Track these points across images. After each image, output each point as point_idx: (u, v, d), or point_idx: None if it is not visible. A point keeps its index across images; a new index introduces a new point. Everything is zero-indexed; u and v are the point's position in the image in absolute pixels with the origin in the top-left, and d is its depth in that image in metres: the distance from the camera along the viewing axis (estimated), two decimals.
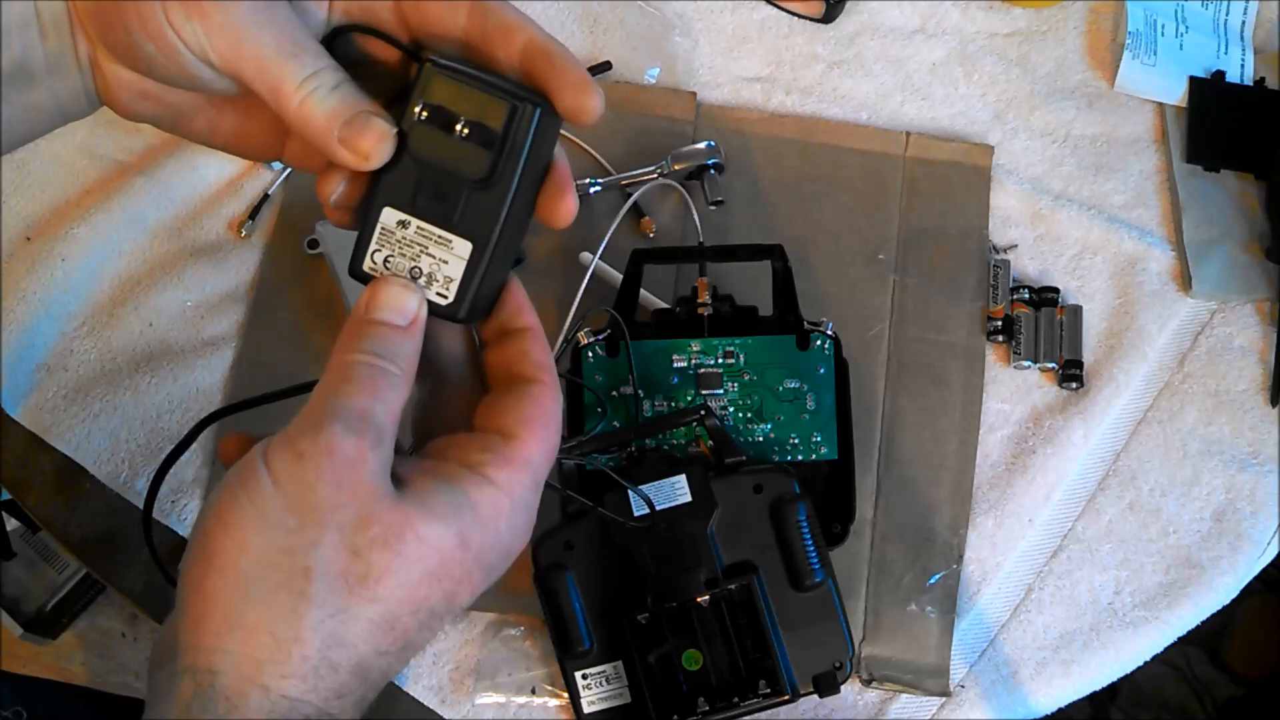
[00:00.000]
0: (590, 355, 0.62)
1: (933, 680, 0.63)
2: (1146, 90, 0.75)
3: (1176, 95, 0.75)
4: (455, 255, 0.39)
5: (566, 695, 0.60)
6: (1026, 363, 0.68)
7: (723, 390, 0.62)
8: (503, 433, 0.39)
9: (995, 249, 0.71)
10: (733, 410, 0.62)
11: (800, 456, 0.62)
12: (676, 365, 0.62)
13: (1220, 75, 0.76)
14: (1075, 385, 0.68)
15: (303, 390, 0.40)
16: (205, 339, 0.69)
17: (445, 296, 0.39)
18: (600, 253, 0.68)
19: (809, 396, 0.62)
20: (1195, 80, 0.75)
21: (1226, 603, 0.66)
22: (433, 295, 0.39)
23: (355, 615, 0.35)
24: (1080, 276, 0.71)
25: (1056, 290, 0.70)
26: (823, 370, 0.62)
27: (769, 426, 0.62)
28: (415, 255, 0.39)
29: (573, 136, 0.72)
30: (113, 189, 0.71)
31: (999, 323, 0.69)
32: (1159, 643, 0.65)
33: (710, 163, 0.70)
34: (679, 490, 0.57)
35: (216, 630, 0.34)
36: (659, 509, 0.57)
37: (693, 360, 0.62)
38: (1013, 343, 0.69)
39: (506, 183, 0.38)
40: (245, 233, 0.71)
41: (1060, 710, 0.65)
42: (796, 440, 0.62)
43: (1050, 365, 0.69)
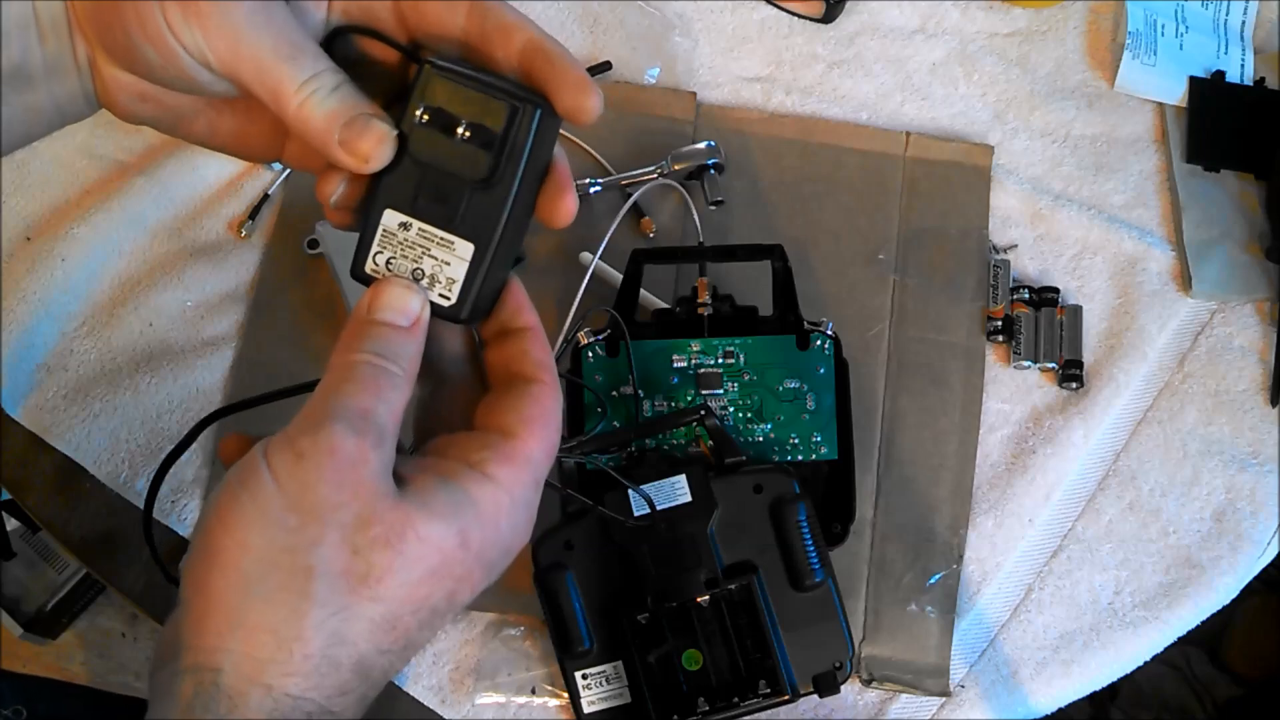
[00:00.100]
0: (590, 355, 0.62)
1: (933, 680, 0.63)
2: (1146, 90, 0.75)
3: (1176, 95, 0.75)
4: (457, 257, 0.39)
5: (566, 695, 0.60)
6: (1026, 363, 0.68)
7: (723, 390, 0.62)
8: (503, 431, 0.39)
9: (995, 249, 0.71)
10: (733, 410, 0.62)
11: (800, 456, 0.62)
12: (676, 365, 0.62)
13: (1220, 75, 0.76)
14: (1075, 385, 0.68)
15: (303, 390, 0.40)
16: (205, 339, 0.69)
17: (448, 298, 0.39)
18: (600, 253, 0.68)
19: (809, 396, 0.62)
20: (1195, 80, 0.75)
21: (1226, 603, 0.66)
22: (435, 296, 0.39)
23: (357, 614, 0.35)
24: (1080, 276, 0.71)
25: (1056, 290, 0.70)
26: (823, 370, 0.62)
27: (769, 426, 0.62)
28: (417, 257, 0.39)
29: (573, 136, 0.72)
30: (113, 189, 0.71)
31: (999, 323, 0.69)
32: (1159, 643, 0.65)
33: (710, 163, 0.70)
34: (679, 490, 0.57)
35: (218, 629, 0.34)
36: (659, 509, 0.57)
37: (693, 360, 0.62)
38: (1013, 343, 0.69)
39: (508, 184, 0.38)
40: (245, 233, 0.71)
41: (1060, 710, 0.65)
42: (796, 440, 0.62)
43: (1050, 365, 0.69)
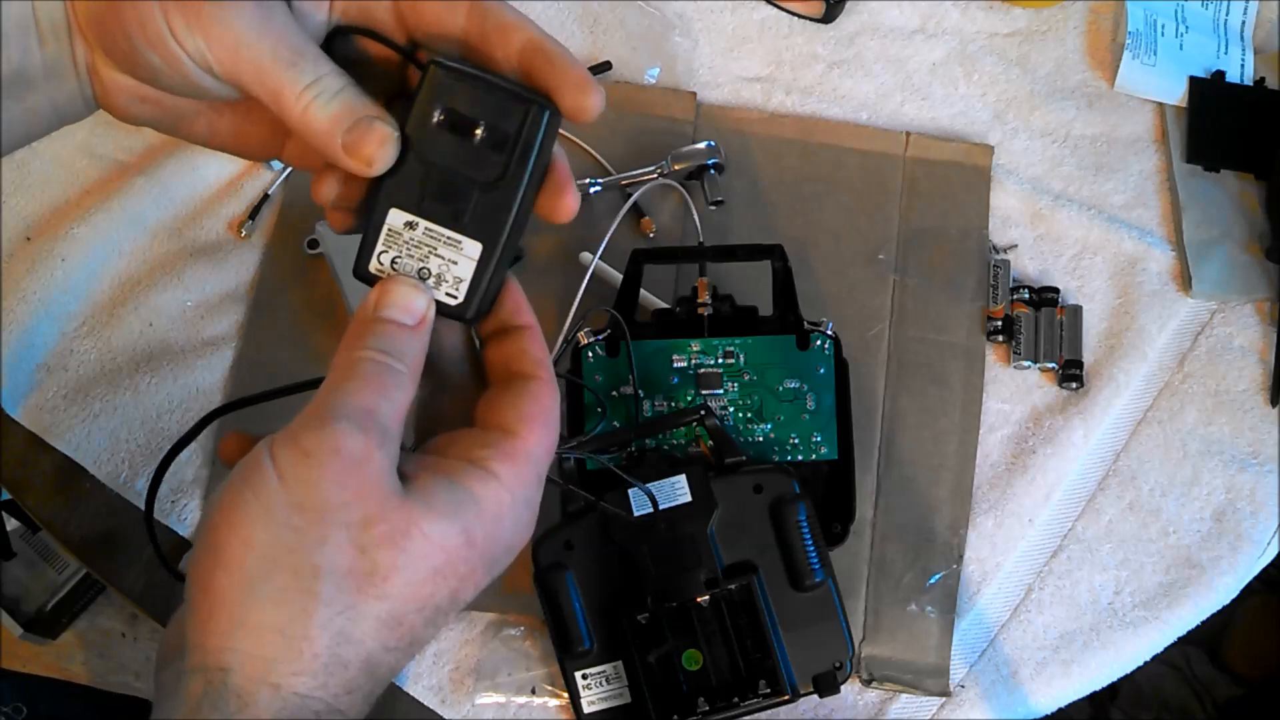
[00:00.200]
0: (590, 355, 0.62)
1: (933, 680, 0.63)
2: (1146, 90, 0.75)
3: (1176, 95, 0.75)
4: (464, 256, 0.39)
5: (566, 695, 0.60)
6: (1026, 363, 0.68)
7: (723, 390, 0.62)
8: (504, 429, 0.39)
9: (995, 249, 0.71)
10: (733, 410, 0.62)
11: (800, 456, 0.62)
12: (676, 365, 0.62)
13: (1220, 75, 0.76)
14: (1075, 385, 0.68)
15: (307, 387, 0.40)
16: (205, 339, 0.69)
17: (454, 296, 0.39)
18: (600, 252, 0.68)
19: (809, 396, 0.62)
20: (1195, 80, 0.75)
21: (1226, 603, 0.66)
22: (441, 295, 0.39)
23: (363, 613, 0.35)
24: (1080, 276, 0.71)
25: (1056, 290, 0.70)
26: (823, 370, 0.62)
27: (769, 426, 0.62)
28: (423, 256, 0.39)
29: (573, 136, 0.72)
30: (113, 189, 0.71)
31: (999, 323, 0.69)
32: (1159, 643, 0.65)
33: (710, 163, 0.70)
34: (679, 490, 0.57)
35: (224, 629, 0.34)
36: (659, 509, 0.57)
37: (693, 360, 0.62)
38: (1013, 343, 0.69)
39: (516, 183, 0.39)
40: (245, 233, 0.71)
41: (1060, 710, 0.65)
42: (796, 440, 0.62)
43: (1050, 365, 0.69)
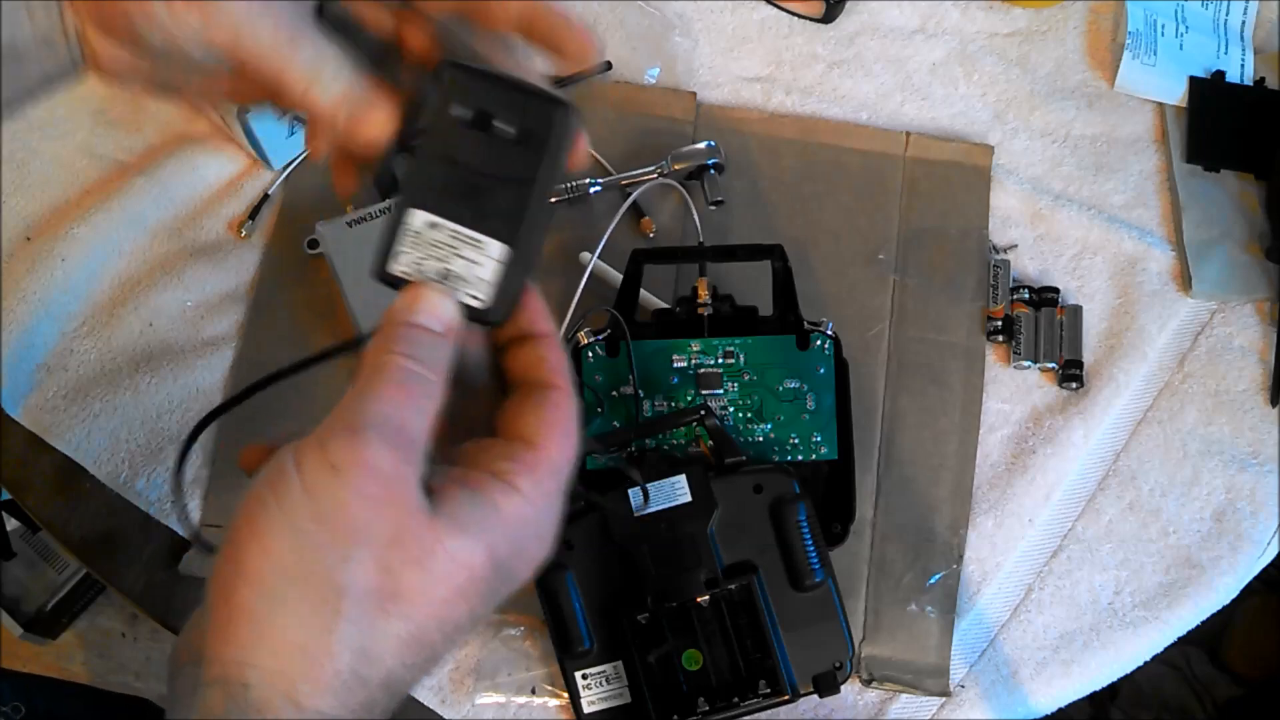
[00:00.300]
0: (590, 355, 0.62)
1: (933, 680, 0.63)
2: (1146, 90, 0.75)
3: (1176, 95, 0.75)
4: (488, 257, 0.38)
5: (566, 695, 0.60)
6: (1026, 363, 0.68)
7: (723, 390, 0.62)
8: (525, 439, 0.38)
9: (995, 249, 0.71)
10: (733, 410, 0.62)
11: (800, 456, 0.62)
12: (676, 365, 0.62)
13: (1220, 75, 0.76)
14: (1075, 385, 0.68)
15: (319, 360, 0.40)
16: (205, 339, 0.69)
17: (478, 299, 0.38)
18: (599, 252, 0.68)
19: (809, 396, 0.62)
20: (1195, 80, 0.75)
21: (1226, 603, 0.66)
22: (465, 298, 0.39)
23: (385, 631, 0.34)
24: (1080, 276, 0.71)
25: (1056, 290, 0.70)
26: (823, 370, 0.62)
27: (769, 426, 0.62)
28: (446, 257, 0.38)
29: None
30: (113, 189, 0.71)
31: (999, 323, 0.69)
32: (1159, 643, 0.65)
33: (710, 163, 0.70)
34: (679, 490, 0.57)
35: (245, 642, 0.34)
36: (659, 509, 0.57)
37: (693, 360, 0.62)
38: (1013, 343, 0.69)
39: (536, 182, 0.38)
40: (245, 233, 0.71)
41: (1060, 710, 0.65)
42: (796, 440, 0.62)
43: (1050, 365, 0.69)
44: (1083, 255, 0.72)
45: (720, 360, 0.62)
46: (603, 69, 0.74)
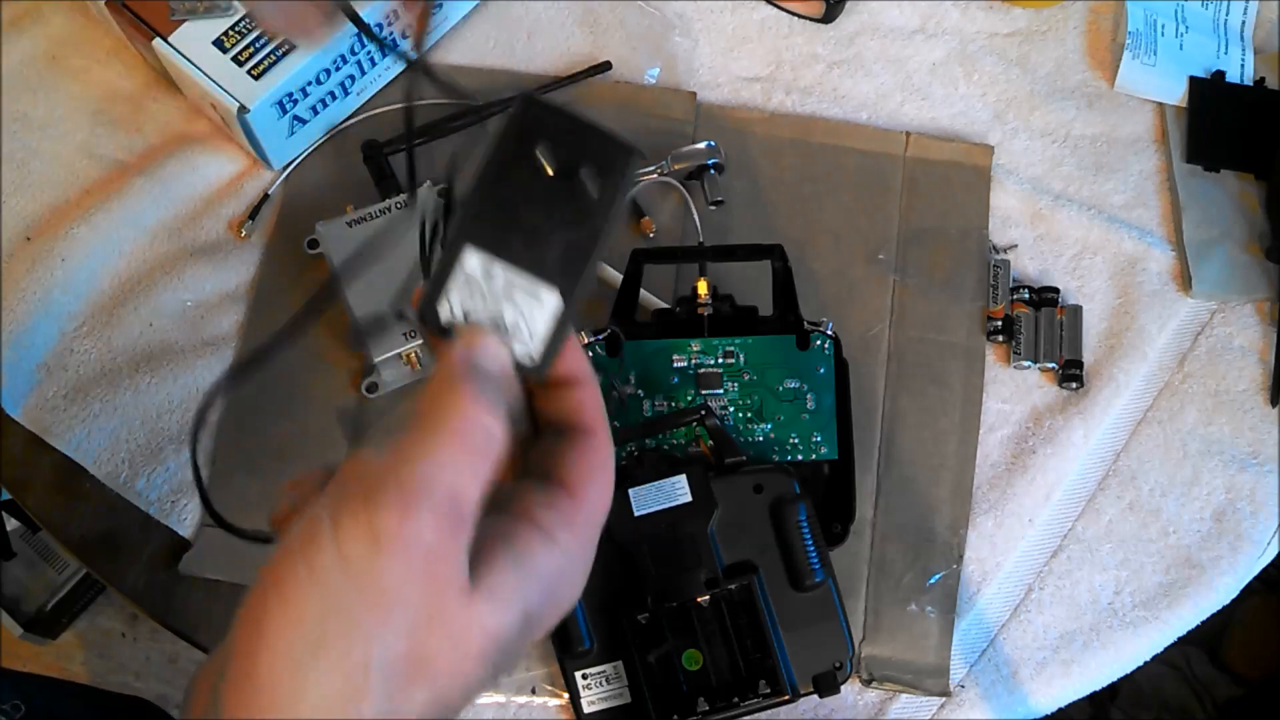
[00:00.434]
0: (590, 355, 0.62)
1: (933, 680, 0.63)
2: (1146, 90, 0.75)
3: (1176, 95, 0.75)
4: (542, 305, 0.36)
5: (566, 695, 0.60)
6: (1026, 363, 0.68)
7: (723, 390, 0.62)
8: (565, 485, 0.37)
9: (995, 249, 0.71)
10: (733, 410, 0.62)
11: (800, 456, 0.62)
12: (677, 365, 0.62)
13: (1220, 75, 0.76)
14: (1075, 385, 0.68)
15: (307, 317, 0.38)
16: (205, 339, 0.69)
17: (528, 351, 0.36)
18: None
19: (809, 396, 0.62)
20: (1195, 80, 0.75)
21: (1226, 603, 0.66)
22: (516, 348, 0.37)
23: (409, 699, 0.33)
24: (1080, 276, 0.71)
25: (1056, 290, 0.70)
26: (823, 370, 0.62)
27: (769, 426, 0.62)
28: (498, 303, 0.36)
29: None
30: (113, 189, 0.71)
31: (999, 323, 0.69)
32: (1159, 643, 0.65)
33: (710, 163, 0.70)
34: (679, 490, 0.57)
35: (266, 706, 0.32)
36: (659, 509, 0.57)
37: (693, 360, 0.62)
38: (1013, 343, 0.69)
39: (599, 229, 0.36)
40: (245, 233, 0.71)
41: (1060, 710, 0.65)
42: (796, 440, 0.62)
43: (1050, 365, 0.69)
44: (1083, 255, 0.72)
45: (720, 360, 0.62)
46: (603, 69, 0.74)
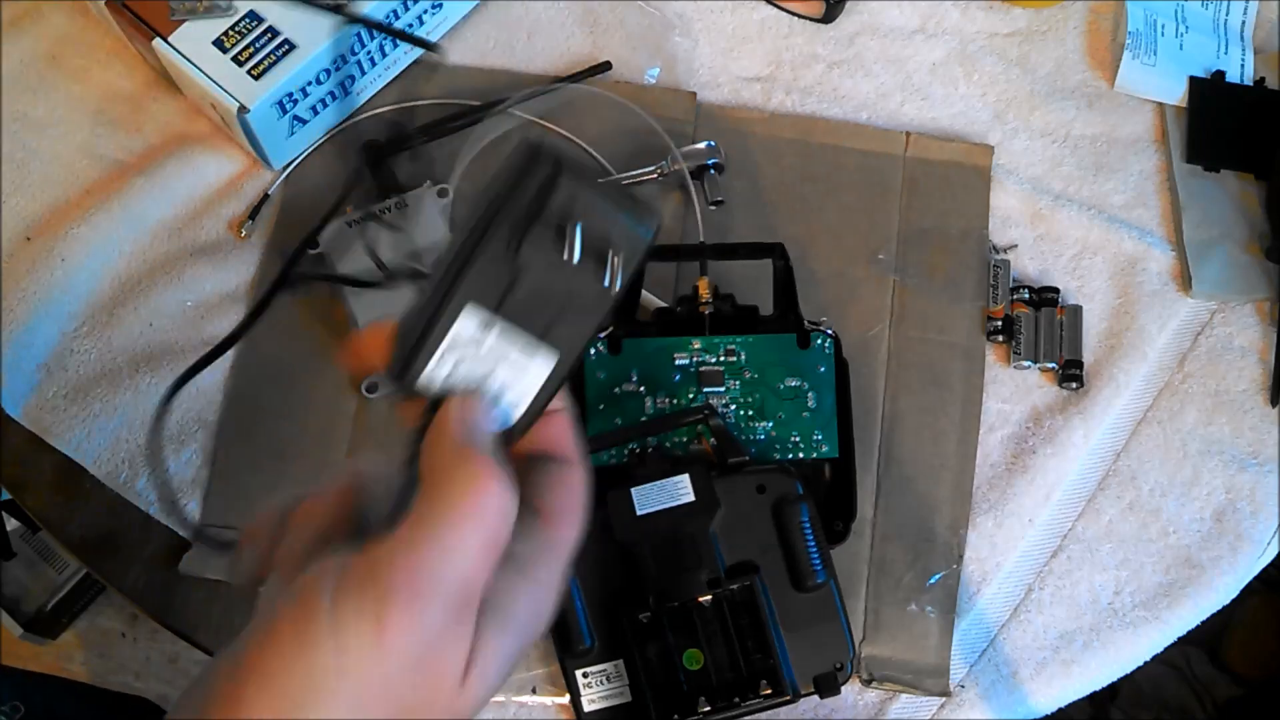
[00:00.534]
0: (592, 353, 0.62)
1: (933, 680, 0.63)
2: (1146, 90, 0.75)
3: (1176, 95, 0.75)
4: (535, 367, 0.35)
5: (566, 694, 0.59)
6: (1026, 363, 0.68)
7: (724, 388, 0.62)
8: (541, 513, 0.37)
9: (995, 249, 0.71)
10: (734, 408, 0.62)
11: (801, 454, 0.62)
12: (678, 363, 0.62)
13: (1220, 75, 0.76)
14: (1075, 385, 0.68)
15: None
16: (205, 339, 0.69)
17: (511, 413, 0.35)
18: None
19: (810, 395, 0.62)
20: (1195, 80, 0.75)
21: (1226, 603, 0.66)
22: (500, 410, 0.35)
23: None
24: (1080, 276, 0.71)
25: (1056, 290, 0.70)
26: (823, 369, 0.62)
27: (770, 424, 0.62)
28: (489, 365, 0.34)
29: (573, 136, 0.72)
30: (113, 189, 0.71)
31: (999, 323, 0.69)
32: (1159, 643, 0.65)
33: (710, 163, 0.70)
34: (681, 490, 0.57)
35: None
36: (662, 508, 0.57)
37: (694, 358, 0.62)
38: (1013, 343, 0.69)
39: (607, 299, 0.35)
40: (245, 233, 0.71)
41: (1060, 710, 0.65)
42: (798, 438, 0.62)
43: (1050, 365, 0.69)
44: (1083, 255, 0.72)
45: (722, 358, 0.62)
46: (603, 69, 0.74)
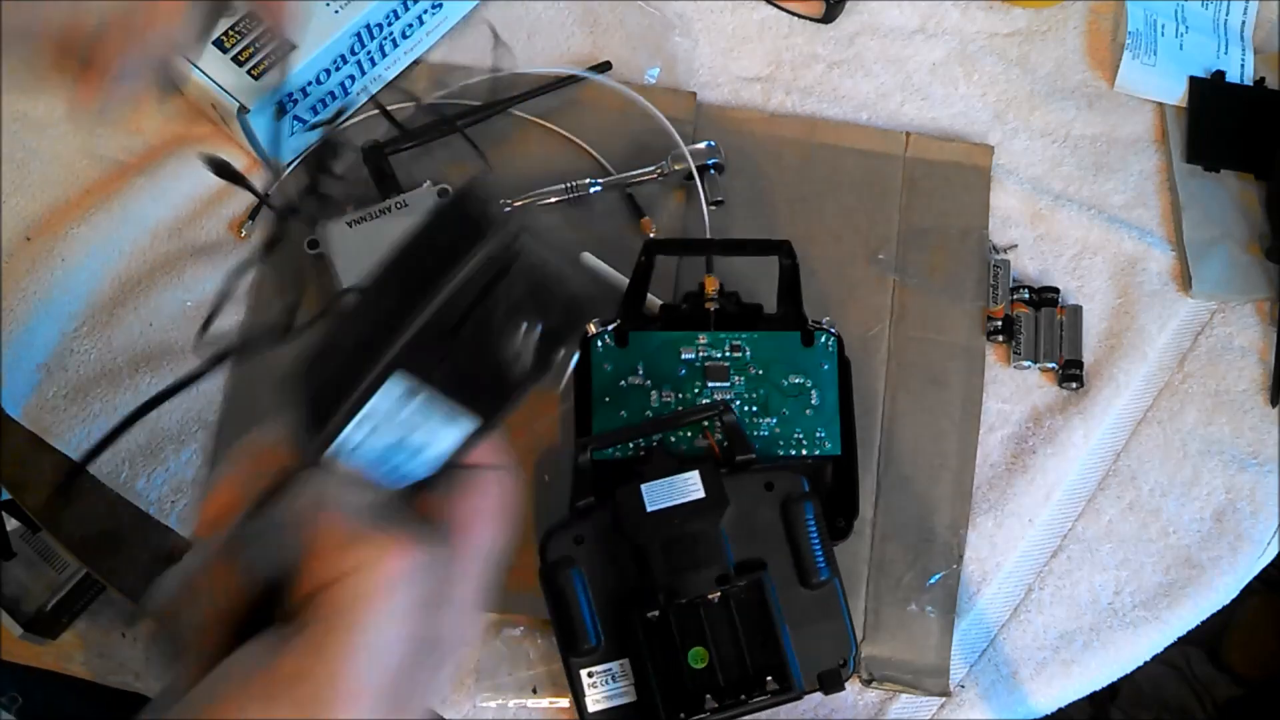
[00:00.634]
0: (599, 345, 0.62)
1: (933, 680, 0.63)
2: (1146, 90, 0.76)
3: (1176, 95, 0.75)
4: (455, 429, 0.35)
5: (568, 695, 0.59)
6: (1026, 363, 0.68)
7: (729, 383, 0.62)
8: (451, 522, 0.36)
9: (995, 249, 0.71)
10: (739, 404, 0.62)
11: (804, 451, 0.62)
12: (684, 357, 0.62)
13: (1220, 75, 0.76)
14: (1075, 385, 0.68)
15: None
16: (205, 339, 0.69)
17: (424, 467, 0.35)
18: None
19: (813, 392, 0.62)
20: (1195, 80, 0.75)
21: (1226, 603, 0.66)
22: (411, 467, 0.36)
23: None
24: (1080, 276, 0.71)
25: (1056, 290, 0.70)
26: (826, 367, 0.62)
27: (774, 421, 0.62)
28: (408, 427, 0.34)
29: (572, 136, 0.72)
30: (113, 189, 0.71)
31: (999, 323, 0.69)
32: (1159, 643, 0.65)
33: (710, 163, 0.70)
34: (691, 486, 0.57)
35: None
36: (671, 505, 0.56)
37: (700, 353, 0.62)
38: (1013, 343, 0.69)
39: (539, 374, 0.35)
40: (245, 233, 0.71)
41: (1060, 710, 0.65)
42: (801, 435, 0.62)
43: (1050, 365, 0.69)
44: (1083, 255, 0.72)
45: (727, 353, 0.62)
46: (602, 69, 0.74)
